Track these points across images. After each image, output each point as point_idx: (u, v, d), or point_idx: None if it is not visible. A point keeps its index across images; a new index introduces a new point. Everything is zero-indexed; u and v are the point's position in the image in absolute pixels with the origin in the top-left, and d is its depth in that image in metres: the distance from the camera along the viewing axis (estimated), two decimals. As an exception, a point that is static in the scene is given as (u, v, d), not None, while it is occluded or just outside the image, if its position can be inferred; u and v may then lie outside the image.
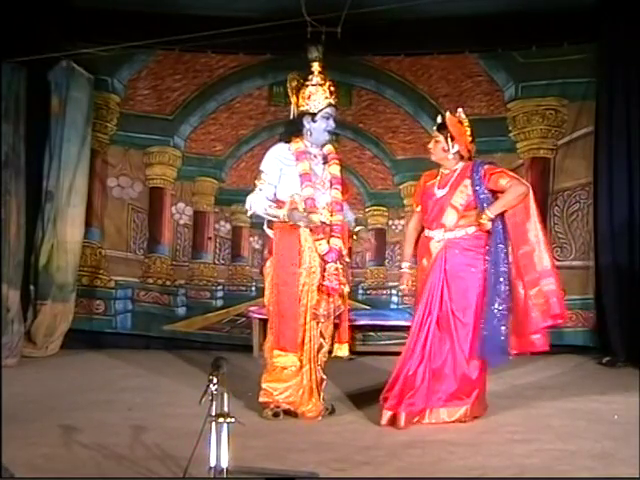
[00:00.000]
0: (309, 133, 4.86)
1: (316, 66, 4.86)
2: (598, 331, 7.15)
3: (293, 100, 4.94)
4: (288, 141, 4.91)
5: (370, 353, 7.11)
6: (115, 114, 7.59)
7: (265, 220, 4.90)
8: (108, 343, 7.42)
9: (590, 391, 5.62)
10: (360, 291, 7.62)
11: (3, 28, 6.43)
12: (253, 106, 7.69)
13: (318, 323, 4.78)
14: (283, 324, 4.75)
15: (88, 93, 7.29)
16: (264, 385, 4.80)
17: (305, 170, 4.79)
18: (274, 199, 4.81)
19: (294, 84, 4.90)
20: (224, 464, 3.19)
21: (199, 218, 7.74)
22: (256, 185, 4.85)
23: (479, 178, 4.71)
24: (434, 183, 4.86)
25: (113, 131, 7.59)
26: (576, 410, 5.03)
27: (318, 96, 4.82)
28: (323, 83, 4.84)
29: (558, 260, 6.71)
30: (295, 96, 4.91)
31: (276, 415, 4.76)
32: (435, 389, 4.64)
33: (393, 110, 7.68)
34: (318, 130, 4.85)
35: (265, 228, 4.94)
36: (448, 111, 4.87)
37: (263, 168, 4.86)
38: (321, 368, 4.86)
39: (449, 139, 4.76)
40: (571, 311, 6.84)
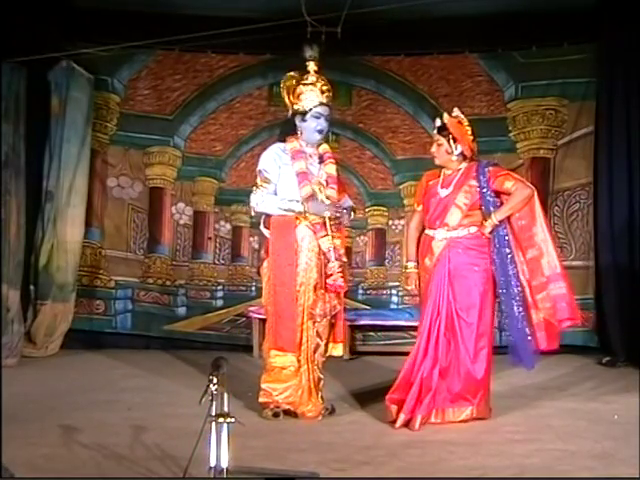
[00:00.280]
0: (300, 132, 4.86)
1: (312, 65, 4.83)
2: (598, 331, 7.15)
3: (286, 99, 4.92)
4: (284, 141, 4.90)
5: (370, 353, 7.13)
6: (115, 114, 7.59)
7: (262, 219, 4.88)
8: (108, 343, 7.42)
9: (590, 391, 5.63)
10: (360, 291, 7.61)
11: (3, 28, 6.43)
12: (253, 106, 7.69)
13: (315, 323, 4.78)
14: (281, 324, 4.74)
15: (88, 93, 7.29)
16: (264, 385, 4.79)
17: (302, 169, 4.78)
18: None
19: (289, 83, 4.88)
20: (224, 464, 3.19)
21: (199, 218, 7.73)
22: (257, 185, 4.83)
23: (485, 180, 4.69)
24: (437, 182, 4.84)
25: (113, 131, 7.59)
26: (576, 410, 5.02)
27: (309, 95, 4.79)
28: (315, 82, 4.82)
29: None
30: (288, 95, 4.89)
31: (276, 415, 4.75)
32: (441, 389, 4.62)
33: (393, 110, 7.68)
34: (308, 129, 4.82)
35: (261, 228, 4.92)
36: (445, 112, 4.85)
37: (263, 167, 4.84)
38: (318, 368, 4.85)
39: (451, 141, 4.75)
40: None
